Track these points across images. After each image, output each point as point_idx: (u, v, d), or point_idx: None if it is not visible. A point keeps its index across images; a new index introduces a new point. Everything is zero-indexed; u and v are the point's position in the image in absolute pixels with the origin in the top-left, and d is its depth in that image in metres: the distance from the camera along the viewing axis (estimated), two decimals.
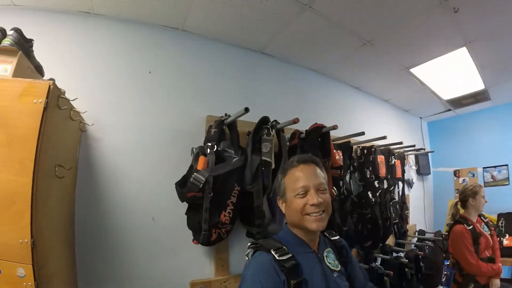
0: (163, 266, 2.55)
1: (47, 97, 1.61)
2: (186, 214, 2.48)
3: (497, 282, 3.41)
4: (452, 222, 3.77)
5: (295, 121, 2.56)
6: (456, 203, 3.88)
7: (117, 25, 2.74)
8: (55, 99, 1.72)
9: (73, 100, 2.01)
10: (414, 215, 5.85)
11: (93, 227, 2.31)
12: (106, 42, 2.66)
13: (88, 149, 2.39)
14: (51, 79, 1.73)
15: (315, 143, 2.97)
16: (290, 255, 1.48)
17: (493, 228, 3.74)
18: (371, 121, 5.07)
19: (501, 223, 5.92)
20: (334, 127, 2.94)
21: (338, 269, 1.63)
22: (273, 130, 2.64)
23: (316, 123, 3.04)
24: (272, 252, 1.48)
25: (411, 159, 6.04)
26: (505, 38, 3.81)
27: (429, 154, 6.83)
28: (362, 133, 3.32)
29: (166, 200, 2.55)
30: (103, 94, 2.53)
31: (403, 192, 4.97)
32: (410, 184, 5.88)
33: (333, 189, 3.09)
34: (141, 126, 2.65)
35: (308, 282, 1.45)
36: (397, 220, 4.57)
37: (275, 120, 2.73)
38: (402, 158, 5.03)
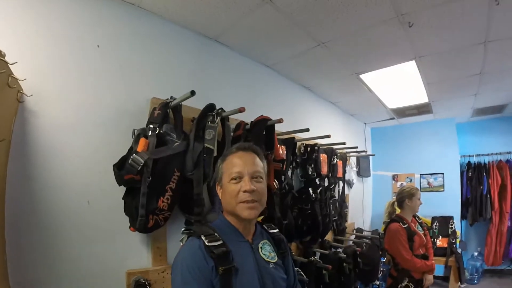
0: (98, 253, 2.35)
1: None
2: (123, 199, 2.33)
3: (430, 277, 3.58)
4: (389, 220, 3.92)
5: (241, 110, 2.51)
6: (393, 203, 4.05)
7: None
8: None
9: (12, 64, 1.75)
10: (353, 214, 6.00)
11: (24, 207, 2.07)
12: (54, 9, 2.33)
13: (24, 122, 2.10)
14: None
15: (260, 135, 2.93)
16: (220, 241, 1.43)
17: (426, 228, 3.90)
18: (317, 121, 5.12)
19: (435, 225, 6.40)
20: (280, 121, 2.92)
21: (274, 261, 1.60)
22: (218, 118, 2.57)
23: (262, 115, 3.00)
24: (202, 237, 1.43)
25: (352, 160, 6.18)
26: (452, 60, 3.98)
27: (370, 157, 7.10)
28: (307, 130, 3.33)
29: (103, 183, 2.36)
30: (45, 63, 2.24)
31: (343, 191, 5.07)
32: (350, 184, 6.04)
33: (275, 182, 3.06)
34: (83, 102, 2.38)
35: (239, 270, 1.41)
36: (336, 217, 4.68)
37: (221, 108, 2.65)
38: (344, 159, 5.11)
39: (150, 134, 2.31)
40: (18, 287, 1.93)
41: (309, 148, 4.14)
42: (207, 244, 1.40)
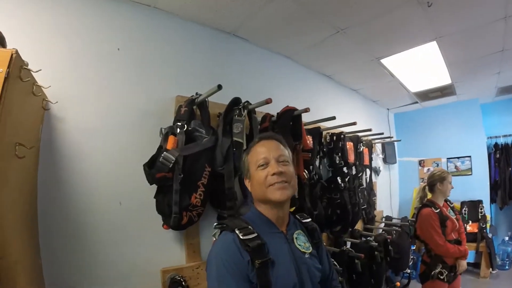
0: (131, 252, 2.39)
1: (8, 67, 1.40)
2: (155, 197, 2.34)
3: (464, 263, 3.49)
4: (420, 205, 3.83)
5: (268, 101, 2.50)
6: (424, 187, 3.95)
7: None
8: (17, 69, 1.52)
9: (36, 71, 1.76)
10: (381, 201, 5.96)
11: (56, 211, 2.11)
12: (74, 16, 2.39)
13: (51, 128, 2.16)
14: (14, 48, 1.55)
15: (286, 125, 2.94)
16: (255, 234, 1.42)
17: (458, 213, 3.80)
18: (340, 109, 5.05)
19: (464, 210, 6.25)
20: (306, 110, 2.91)
21: (309, 251, 1.58)
22: (245, 111, 2.58)
23: (287, 106, 3.01)
24: (236, 231, 1.42)
25: (378, 147, 6.11)
26: (473, 38, 3.88)
27: (395, 144, 6.98)
28: (333, 118, 3.32)
29: (133, 183, 2.39)
30: (68, 70, 2.30)
31: (371, 179, 5.05)
32: (377, 171, 5.97)
33: (305, 172, 3.07)
34: (108, 105, 2.44)
35: (275, 262, 1.40)
36: (365, 206, 4.64)
37: (247, 101, 2.66)
38: (370, 146, 5.08)
39: (178, 132, 2.33)
40: None
41: (335, 137, 4.12)
42: (241, 237, 1.39)
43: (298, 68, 4.34)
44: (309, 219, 1.78)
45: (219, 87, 2.33)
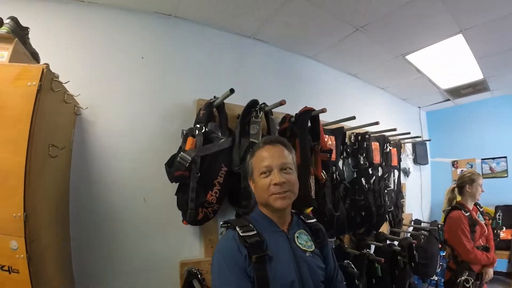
0: (154, 246, 2.71)
1: (40, 80, 1.72)
2: (175, 195, 2.60)
3: (490, 271, 3.43)
4: (449, 208, 3.78)
5: (282, 102, 2.67)
6: (453, 189, 3.92)
7: (111, 12, 2.86)
8: (49, 82, 1.85)
9: (65, 83, 2.14)
10: (410, 204, 5.95)
11: (86, 206, 2.49)
12: (99, 29, 2.79)
13: (83, 131, 2.55)
14: (45, 63, 1.84)
15: (304, 126, 3.06)
16: (254, 232, 1.56)
17: (487, 218, 3.78)
18: (367, 108, 5.15)
19: (499, 215, 6.02)
20: (323, 110, 3.03)
21: (311, 249, 1.68)
22: (261, 113, 2.76)
23: (306, 106, 3.13)
24: (237, 228, 1.57)
25: (408, 148, 6.13)
26: (501, 29, 3.84)
27: (427, 144, 6.92)
28: (353, 118, 3.41)
29: (157, 181, 2.68)
30: (97, 79, 2.68)
31: (399, 180, 5.06)
32: (406, 172, 5.97)
33: (323, 173, 3.18)
34: (134, 110, 2.80)
35: (273, 258, 1.52)
36: (392, 208, 4.67)
37: (264, 103, 2.84)
38: (398, 146, 5.11)
39: (197, 133, 2.57)
40: (80, 277, 2.35)
41: (359, 137, 4.20)
42: (241, 234, 1.54)
43: (321, 68, 4.47)
44: (314, 220, 1.89)
45: (232, 91, 2.57)
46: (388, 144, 4.67)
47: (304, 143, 2.94)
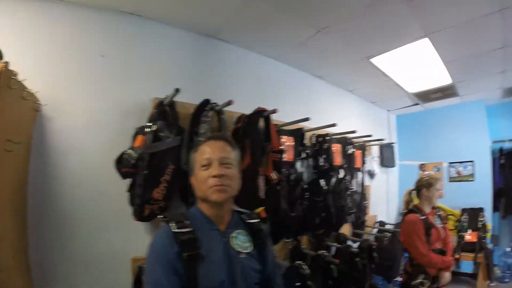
0: (107, 241, 2.79)
1: None
2: (127, 191, 2.65)
3: (447, 275, 3.48)
4: (406, 211, 3.84)
5: (229, 102, 2.72)
6: (410, 191, 3.97)
7: (72, 9, 2.87)
8: (7, 80, 1.95)
9: (23, 80, 2.20)
10: (376, 206, 6.07)
11: (45, 199, 2.58)
12: (60, 26, 2.82)
13: (43, 127, 2.62)
14: (5, 62, 1.94)
15: (256, 126, 3.11)
16: (189, 229, 1.53)
17: (445, 222, 3.81)
18: (334, 110, 5.24)
19: (464, 218, 6.25)
20: (274, 111, 3.09)
21: (247, 251, 1.66)
22: (211, 112, 2.79)
23: (259, 107, 3.18)
24: (170, 224, 1.55)
25: (374, 150, 6.22)
26: (468, 33, 3.89)
27: (396, 147, 7.09)
28: (307, 119, 3.43)
29: (114, 177, 2.69)
30: (57, 76, 2.74)
31: (363, 182, 5.13)
32: (371, 175, 6.07)
33: (274, 173, 3.21)
34: (93, 107, 2.86)
35: (205, 258, 1.50)
36: (354, 210, 4.71)
37: (215, 103, 2.89)
38: (363, 149, 5.18)
39: (146, 131, 2.61)
40: (37, 267, 2.44)
41: (320, 139, 4.23)
42: (174, 230, 1.51)
43: (286, 69, 4.52)
44: (257, 220, 1.85)
45: (177, 90, 2.63)
46: (350, 146, 4.71)
47: (254, 143, 2.99)
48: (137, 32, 3.17)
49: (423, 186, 3.68)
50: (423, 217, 3.52)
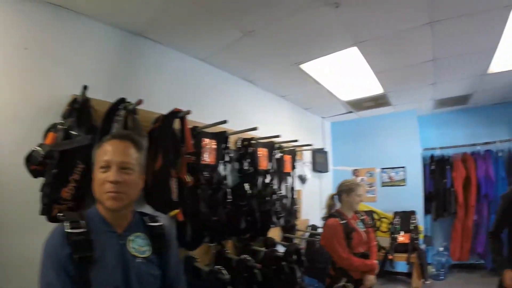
0: (21, 242, 2.66)
1: None
2: (40, 191, 2.58)
3: (371, 277, 3.57)
4: (327, 215, 3.95)
5: (138, 102, 2.73)
6: (332, 196, 4.05)
7: None
8: None
9: None
10: (309, 210, 6.25)
11: None
12: None
13: None
14: None
15: (170, 127, 3.13)
16: (82, 229, 1.50)
17: (369, 226, 3.93)
18: (265, 116, 5.34)
19: (397, 221, 6.71)
20: (188, 112, 3.13)
21: (144, 255, 1.63)
22: (124, 111, 2.79)
23: (175, 108, 3.19)
24: (65, 223, 1.50)
25: (305, 155, 6.39)
26: (398, 44, 4.08)
27: (330, 152, 7.46)
28: (224, 122, 3.47)
29: (28, 175, 2.60)
30: None
31: (292, 187, 5.24)
32: (303, 179, 6.26)
33: (187, 175, 3.22)
34: (11, 101, 2.75)
35: (98, 261, 1.47)
36: (283, 214, 4.80)
37: (129, 102, 2.88)
38: (293, 154, 5.30)
39: (57, 129, 2.58)
40: None
41: (246, 142, 4.31)
42: (67, 230, 1.47)
43: (215, 72, 4.55)
44: (160, 223, 1.82)
45: (85, 87, 2.68)
46: (277, 150, 4.82)
47: (167, 145, 3.02)
48: (63, 26, 3.08)
49: (344, 192, 3.81)
50: (344, 222, 3.63)
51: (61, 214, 1.63)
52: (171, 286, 1.76)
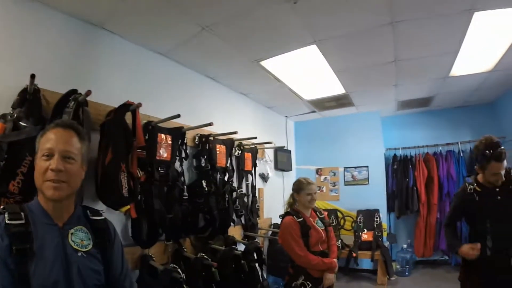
0: None
1: None
2: None
3: (329, 276, 3.60)
4: (283, 214, 3.99)
5: (88, 93, 2.70)
6: (292, 194, 4.06)
7: None
8: None
9: None
10: (271, 209, 6.31)
11: None
12: None
13: None
14: None
15: (121, 120, 3.11)
16: (22, 221, 1.50)
17: (328, 225, 3.95)
18: (225, 113, 5.37)
19: (360, 219, 7.01)
20: (138, 105, 3.11)
21: (85, 249, 1.63)
22: (73, 103, 2.76)
23: (128, 100, 3.18)
24: (5, 214, 1.50)
25: (267, 153, 6.47)
26: (358, 44, 4.14)
27: (292, 152, 7.61)
28: (178, 116, 3.45)
29: None
30: None
31: (253, 185, 5.35)
32: (264, 178, 6.33)
33: (138, 170, 3.23)
34: None
35: (37, 254, 1.46)
36: (243, 212, 4.91)
37: (80, 93, 2.85)
38: (254, 152, 5.39)
39: (7, 119, 2.54)
40: None
41: (203, 139, 4.32)
42: (6, 221, 1.46)
43: (175, 67, 4.53)
44: (102, 217, 1.84)
45: (32, 76, 2.61)
46: (236, 148, 4.90)
47: (117, 138, 2.99)
48: (16, 13, 2.97)
49: (294, 191, 3.91)
50: (300, 220, 3.69)
51: (3, 208, 1.60)
52: (116, 282, 1.76)
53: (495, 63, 4.95)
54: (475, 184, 3.14)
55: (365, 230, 6.92)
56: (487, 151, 2.92)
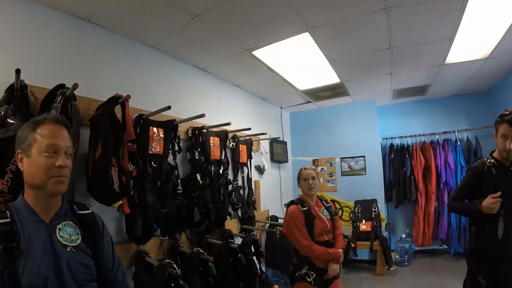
0: None
1: None
2: None
3: (334, 266, 3.54)
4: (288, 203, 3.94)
5: (74, 86, 2.66)
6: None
7: None
8: None
9: None
10: (268, 201, 6.34)
11: None
12: None
13: None
14: None
15: (109, 113, 3.05)
16: (7, 220, 1.50)
17: (334, 214, 3.89)
18: (219, 105, 5.34)
19: (358, 209, 7.06)
20: (127, 97, 3.06)
21: (75, 244, 1.64)
22: (61, 97, 2.72)
23: (117, 93, 3.15)
24: None
25: (262, 145, 6.45)
26: (351, 31, 4.07)
27: (288, 143, 7.61)
28: (168, 108, 3.38)
29: None
30: None
31: (248, 177, 5.33)
32: (261, 170, 6.32)
33: (129, 164, 3.21)
34: None
35: (25, 252, 1.47)
36: (240, 205, 4.91)
37: (68, 87, 2.80)
38: (249, 144, 5.38)
39: None
40: None
41: (197, 131, 4.30)
42: None
43: (165, 59, 4.49)
44: (89, 211, 1.86)
45: (17, 71, 2.54)
46: (230, 140, 4.88)
47: (107, 132, 2.95)
48: (1, 8, 2.92)
49: (297, 180, 3.90)
50: (305, 209, 3.65)
51: None
52: (108, 276, 1.79)
53: (491, 50, 4.94)
54: (493, 159, 3.11)
55: (363, 221, 6.98)
56: (504, 114, 2.92)
